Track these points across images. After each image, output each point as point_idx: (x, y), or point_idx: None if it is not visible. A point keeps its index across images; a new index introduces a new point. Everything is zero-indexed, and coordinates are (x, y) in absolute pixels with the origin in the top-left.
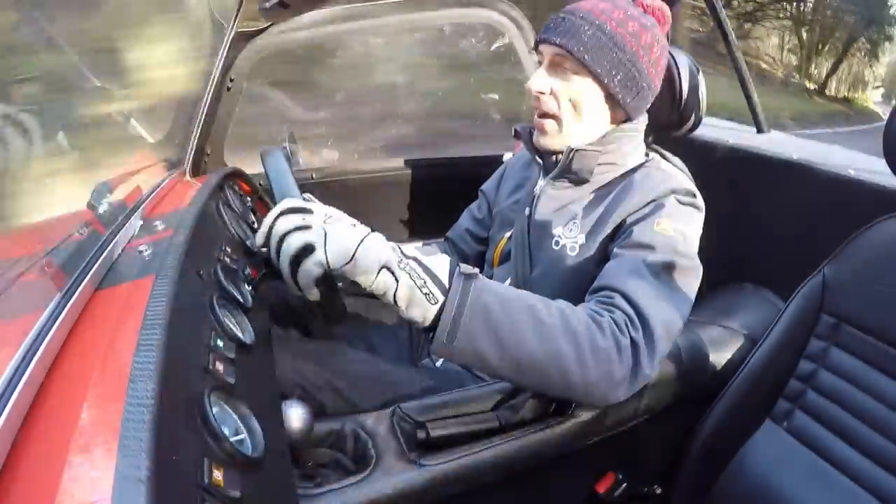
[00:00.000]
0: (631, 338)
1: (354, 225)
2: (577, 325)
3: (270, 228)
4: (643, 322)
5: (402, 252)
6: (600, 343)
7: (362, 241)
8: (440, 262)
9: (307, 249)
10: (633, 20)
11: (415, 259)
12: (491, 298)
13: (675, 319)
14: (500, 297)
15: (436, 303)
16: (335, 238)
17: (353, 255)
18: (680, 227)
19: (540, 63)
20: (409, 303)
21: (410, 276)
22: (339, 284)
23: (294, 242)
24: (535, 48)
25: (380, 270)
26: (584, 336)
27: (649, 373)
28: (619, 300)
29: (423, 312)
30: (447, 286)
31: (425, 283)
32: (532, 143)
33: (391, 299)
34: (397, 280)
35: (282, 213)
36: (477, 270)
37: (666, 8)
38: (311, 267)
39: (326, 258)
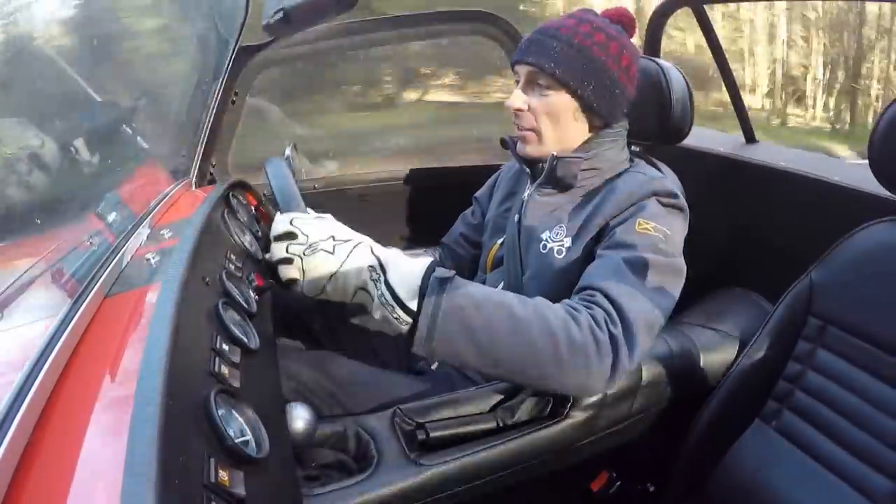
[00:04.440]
0: (609, 333)
1: (334, 248)
2: (552, 321)
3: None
4: (622, 317)
5: (380, 266)
6: (577, 337)
7: (335, 273)
8: (412, 277)
9: (291, 281)
10: (599, 31)
11: (386, 283)
12: (465, 300)
13: (655, 315)
14: (475, 298)
15: (404, 324)
16: (310, 272)
17: (324, 288)
18: (661, 226)
19: (517, 82)
20: (381, 320)
21: (381, 301)
22: None
23: (283, 275)
24: (512, 69)
25: (355, 293)
26: (559, 331)
27: (628, 367)
28: (599, 297)
29: (395, 328)
30: (414, 308)
31: (394, 308)
32: (518, 153)
33: (370, 311)
34: (372, 301)
35: (276, 238)
36: (453, 273)
37: (632, 14)
38: (300, 294)
39: (307, 293)
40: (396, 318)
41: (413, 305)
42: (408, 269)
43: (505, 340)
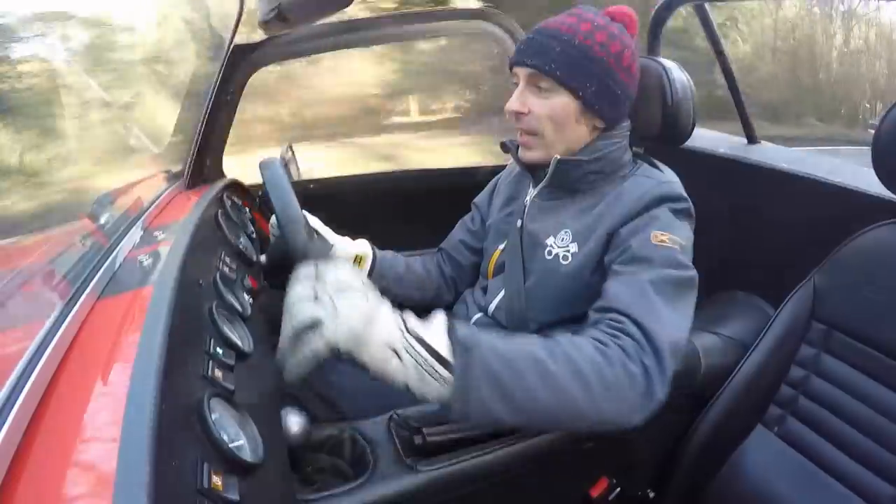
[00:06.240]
0: (642, 364)
1: (365, 296)
2: (583, 365)
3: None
4: (653, 346)
5: (405, 326)
6: (609, 377)
7: (371, 320)
8: (438, 336)
9: (314, 324)
10: (600, 30)
11: (418, 339)
12: (496, 365)
13: (681, 338)
14: (505, 359)
15: (445, 383)
16: (345, 315)
17: (363, 336)
18: (675, 236)
19: (516, 84)
20: (419, 385)
21: (416, 360)
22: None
23: (301, 315)
24: (510, 70)
25: (387, 353)
26: (591, 374)
27: (662, 396)
28: (628, 326)
29: (436, 393)
30: (451, 360)
31: (434, 367)
32: (519, 157)
33: (399, 382)
34: (403, 363)
35: (297, 280)
36: (475, 336)
37: (633, 13)
38: (317, 343)
39: (335, 337)
40: (437, 378)
41: (449, 356)
42: (431, 327)
43: (540, 396)
